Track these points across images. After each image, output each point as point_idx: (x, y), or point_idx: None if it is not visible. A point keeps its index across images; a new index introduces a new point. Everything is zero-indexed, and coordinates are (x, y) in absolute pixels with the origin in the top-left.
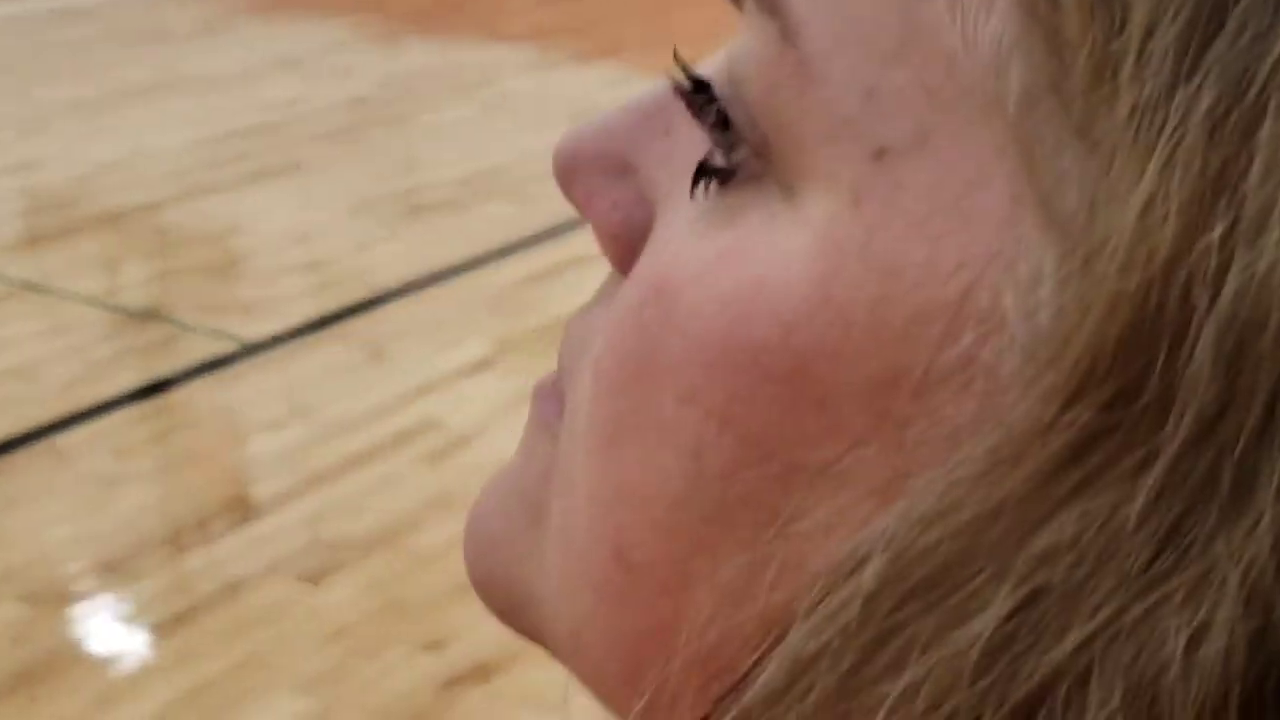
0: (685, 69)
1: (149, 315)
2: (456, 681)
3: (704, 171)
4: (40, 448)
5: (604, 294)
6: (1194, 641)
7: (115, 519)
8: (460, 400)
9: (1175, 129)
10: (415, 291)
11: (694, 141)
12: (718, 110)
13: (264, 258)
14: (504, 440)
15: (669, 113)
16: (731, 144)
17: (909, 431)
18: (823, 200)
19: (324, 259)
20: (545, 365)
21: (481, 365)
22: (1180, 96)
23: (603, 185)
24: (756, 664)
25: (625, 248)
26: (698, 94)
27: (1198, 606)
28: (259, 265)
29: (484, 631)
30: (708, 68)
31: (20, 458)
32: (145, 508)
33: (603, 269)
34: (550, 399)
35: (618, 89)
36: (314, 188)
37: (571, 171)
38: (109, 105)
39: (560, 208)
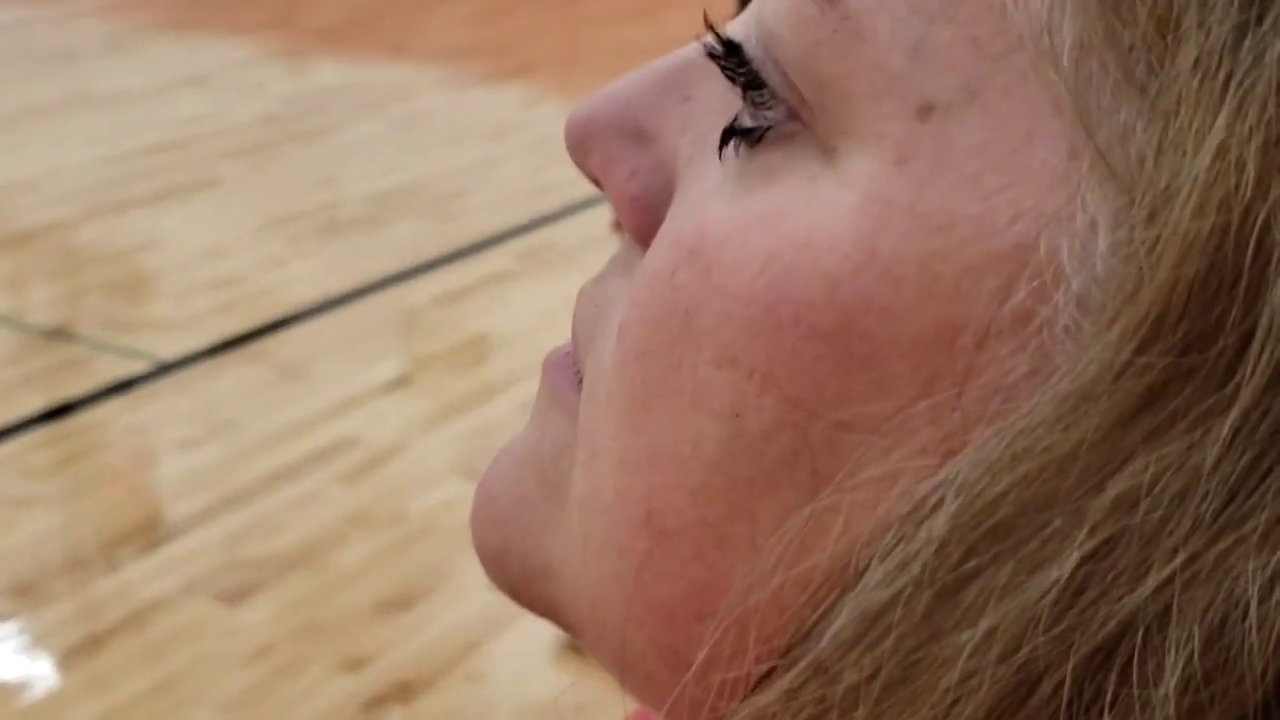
0: (716, 31)
1: (59, 334)
2: (378, 701)
3: (734, 133)
4: None
5: (619, 264)
6: (1270, 584)
7: (26, 542)
8: (377, 418)
9: (1245, 75)
10: (330, 309)
11: (715, 106)
12: (751, 71)
13: (176, 276)
14: (422, 457)
15: (686, 79)
16: (765, 105)
17: (964, 386)
18: (866, 159)
19: (237, 277)
20: (462, 382)
21: (398, 383)
22: (1249, 43)
23: (620, 152)
24: (822, 618)
25: (644, 215)
26: (729, 56)
27: (1274, 549)
28: (171, 283)
29: (405, 650)
30: (735, 30)
31: None
32: (57, 530)
33: (519, 286)
34: (563, 371)
35: (531, 108)
36: (226, 205)
37: (586, 140)
38: (16, 123)
39: (475, 225)
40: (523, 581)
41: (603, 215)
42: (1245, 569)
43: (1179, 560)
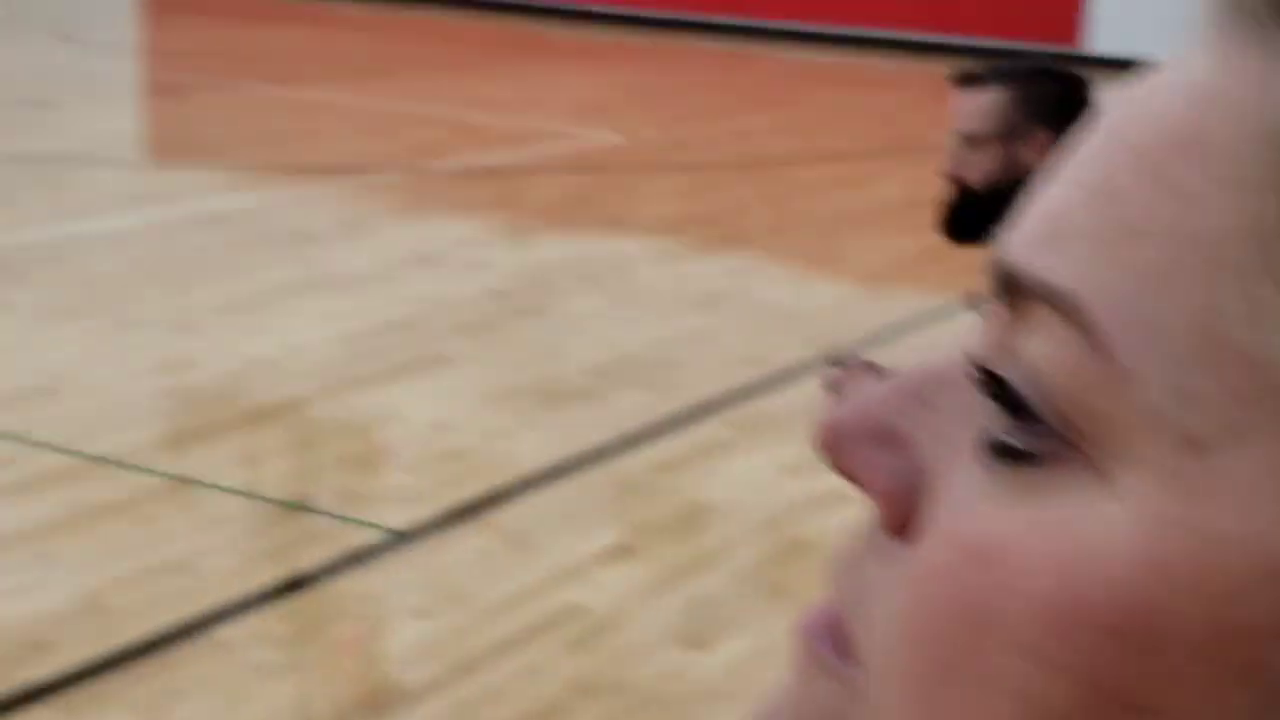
0: (984, 368)
1: (298, 507)
2: None
3: (1005, 451)
4: (199, 641)
5: (876, 548)
6: None
7: (264, 712)
8: (600, 587)
9: None
10: (554, 479)
11: (963, 414)
12: (1019, 400)
13: (407, 448)
14: (644, 626)
15: (932, 390)
16: (1031, 431)
17: (1254, 678)
18: (1139, 483)
19: (465, 448)
20: (682, 550)
21: (620, 552)
22: None
23: (876, 455)
24: None
25: (901, 510)
26: (997, 389)
27: None
28: (403, 456)
29: None
30: (978, 351)
31: (180, 651)
32: (294, 699)
33: (734, 455)
34: (825, 640)
35: (743, 277)
36: (454, 379)
37: (840, 444)
38: (257, 303)
39: (693, 394)
40: None
41: (814, 384)
42: None
43: None
